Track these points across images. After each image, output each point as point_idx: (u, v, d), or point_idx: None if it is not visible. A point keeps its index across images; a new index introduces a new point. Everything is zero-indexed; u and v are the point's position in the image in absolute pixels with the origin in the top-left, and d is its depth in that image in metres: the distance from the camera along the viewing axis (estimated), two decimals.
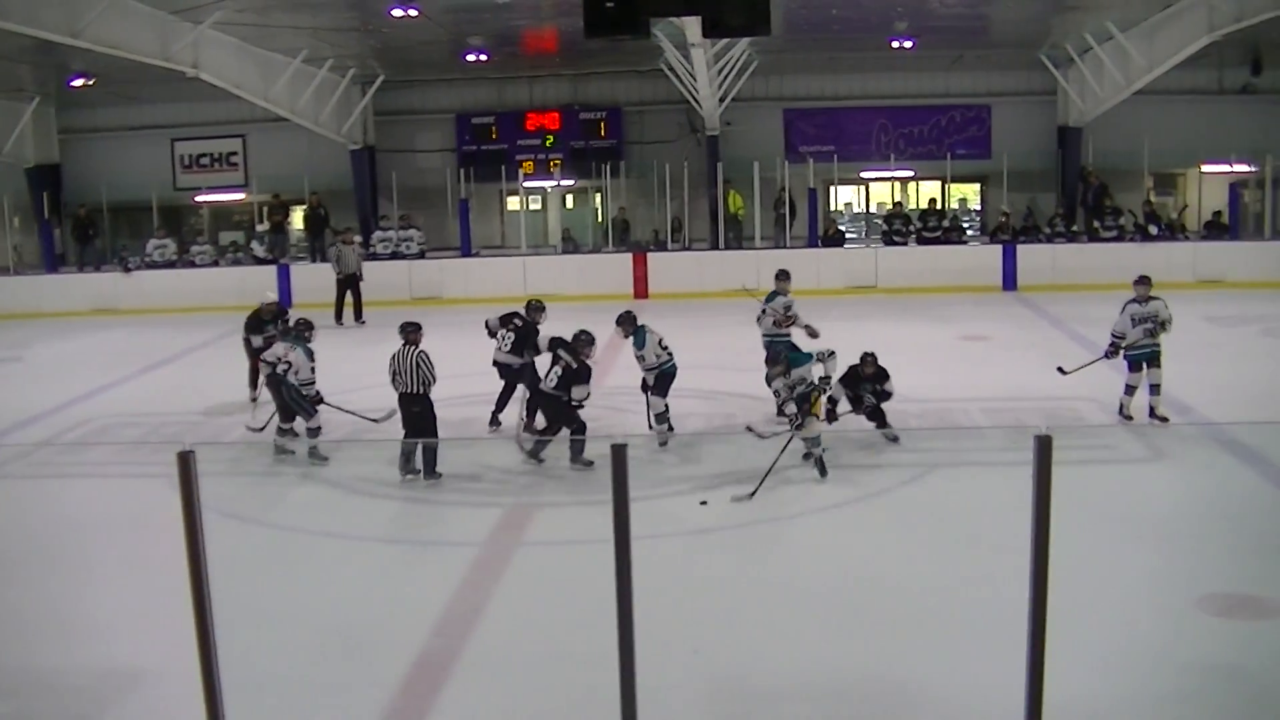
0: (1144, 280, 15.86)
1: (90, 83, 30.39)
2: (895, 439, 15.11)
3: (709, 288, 28.30)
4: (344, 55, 29.31)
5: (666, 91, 31.80)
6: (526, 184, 33.48)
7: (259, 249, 30.56)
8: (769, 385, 14.93)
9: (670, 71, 29.48)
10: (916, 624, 9.72)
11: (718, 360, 19.67)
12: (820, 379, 14.08)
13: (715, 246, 31.84)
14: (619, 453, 6.45)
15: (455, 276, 29.65)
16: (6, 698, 9.45)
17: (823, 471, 13.63)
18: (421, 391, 14.17)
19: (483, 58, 30.30)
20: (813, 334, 16.61)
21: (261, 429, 16.06)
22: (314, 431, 15.13)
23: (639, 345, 15.45)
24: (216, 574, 6.62)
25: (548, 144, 33.73)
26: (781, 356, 14.58)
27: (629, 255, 30.21)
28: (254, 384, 18.14)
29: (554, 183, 34.57)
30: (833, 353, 14.29)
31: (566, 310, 19.73)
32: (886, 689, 8.67)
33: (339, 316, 26.22)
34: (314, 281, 28.60)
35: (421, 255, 30.13)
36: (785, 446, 13.55)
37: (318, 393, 15.05)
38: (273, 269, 29.42)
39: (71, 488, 15.33)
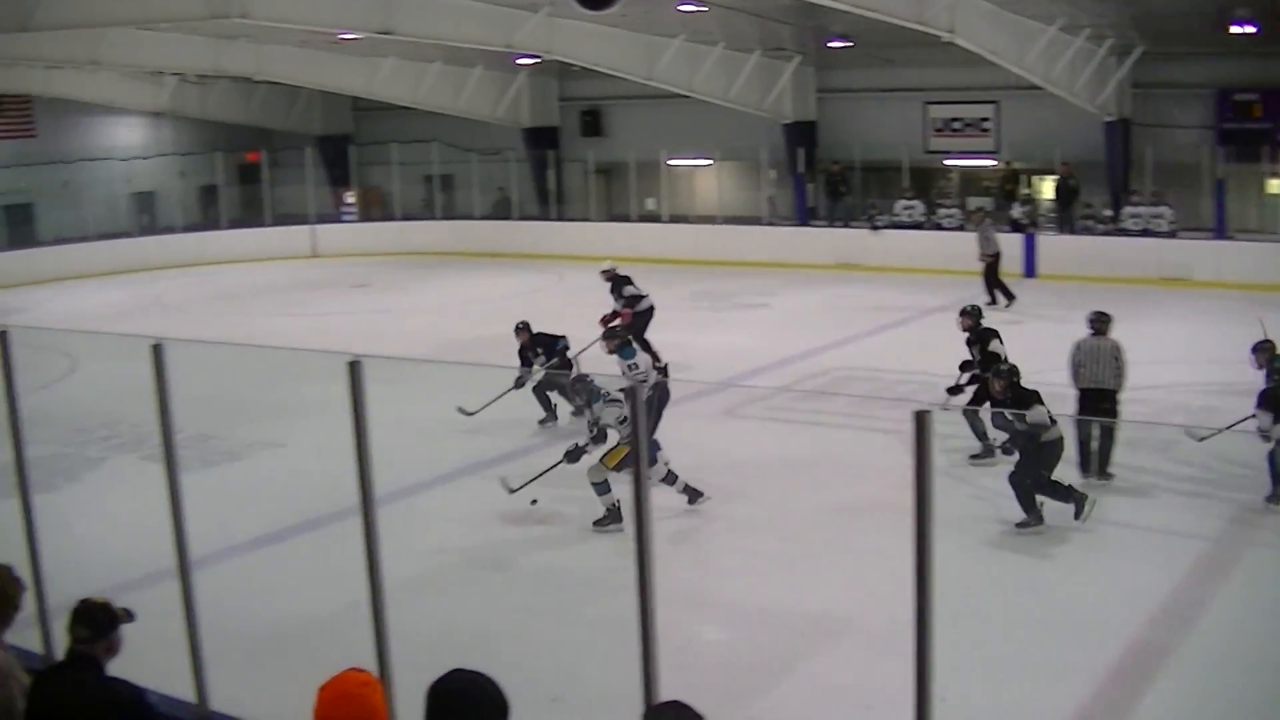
0: None
1: (848, 44, 31.36)
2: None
3: None
4: (1101, 24, 28.57)
5: None
6: None
7: (1019, 212, 30.30)
8: None
9: None
10: None
11: None
12: None
13: None
14: None
15: (1205, 259, 28.38)
16: (725, 627, 10.05)
17: None
18: (1113, 388, 13.42)
19: (1249, 30, 28.67)
20: None
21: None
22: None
23: None
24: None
25: None
26: None
27: None
28: None
29: None
30: None
31: None
32: None
33: (993, 295, 25.37)
34: (1058, 252, 28.48)
35: (1172, 235, 29.07)
36: None
37: None
38: (1017, 237, 29.19)
39: (799, 434, 15.97)
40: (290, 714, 6.53)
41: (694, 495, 12.75)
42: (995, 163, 32.79)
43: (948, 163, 33.83)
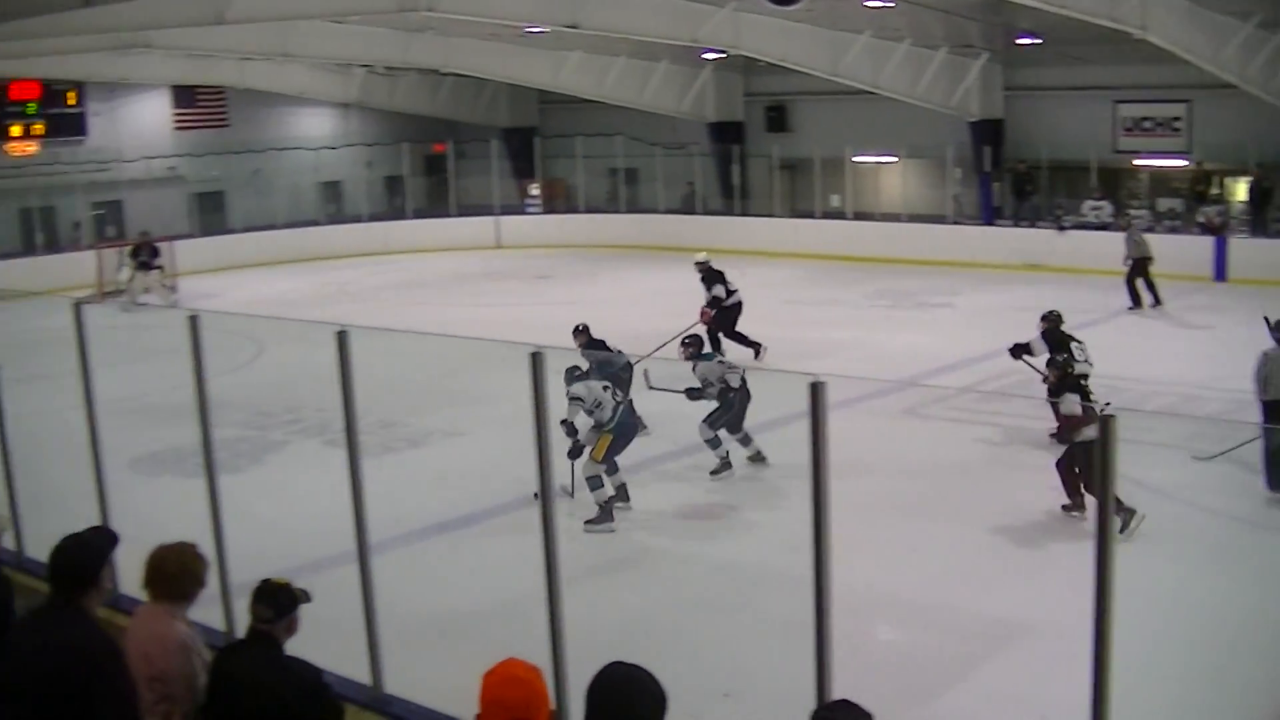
0: None
1: (1037, 41, 30.83)
2: None
3: None
4: None
5: None
6: None
7: (1208, 214, 29.57)
8: None
9: None
10: None
11: None
12: None
13: None
14: None
15: None
16: (901, 628, 9.94)
17: None
18: None
19: None
20: None
21: None
22: None
23: None
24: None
25: None
26: None
27: None
28: None
29: None
30: None
31: None
32: None
33: (1135, 299, 24.88)
34: (1250, 256, 27.71)
35: None
36: None
37: None
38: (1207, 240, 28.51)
39: (982, 435, 15.76)
40: (461, 699, 6.62)
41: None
42: (1186, 163, 31.98)
43: (1137, 163, 33.09)
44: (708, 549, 12.05)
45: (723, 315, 19.86)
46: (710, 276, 20.18)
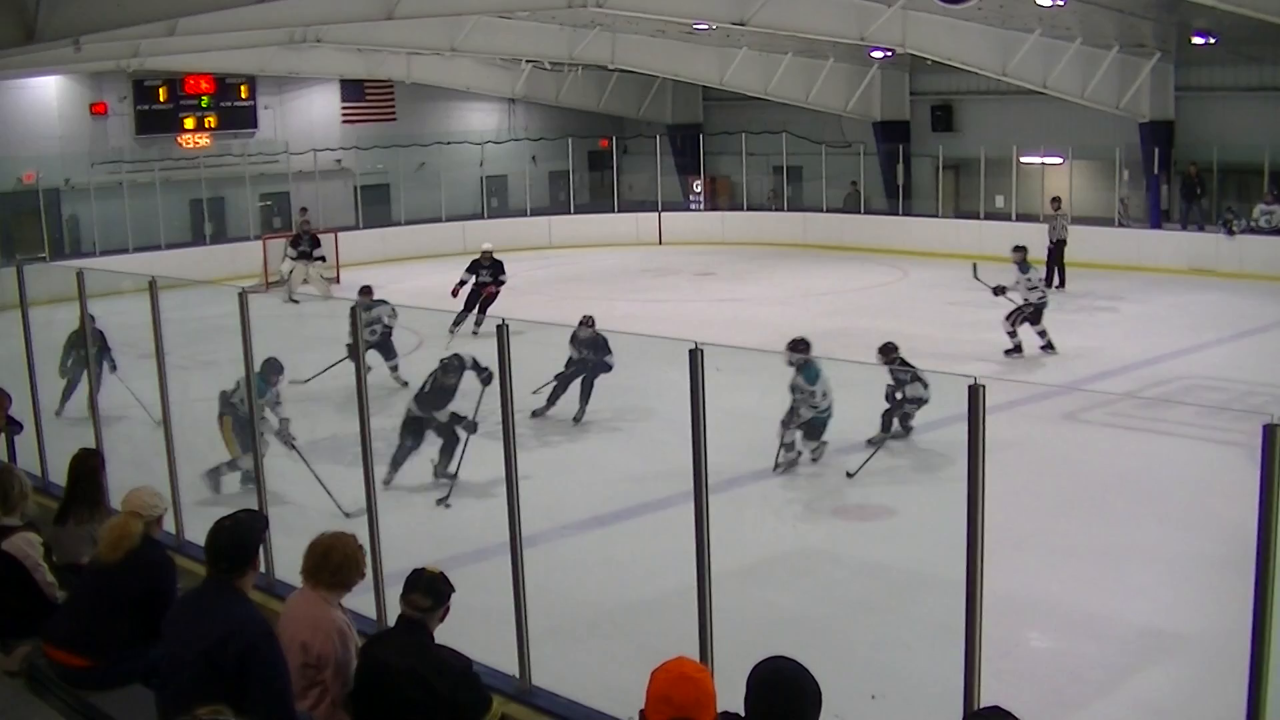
0: None
1: (1211, 41, 30.15)
2: None
3: None
4: None
5: None
6: None
7: None
8: None
9: None
10: None
11: None
12: None
13: None
14: None
15: None
16: (1051, 634, 9.85)
17: None
18: None
19: None
20: None
21: None
22: None
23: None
24: None
25: None
26: None
27: None
28: None
29: None
30: None
31: None
32: None
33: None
34: None
35: None
36: None
37: None
38: None
39: (1142, 442, 15.52)
40: (609, 693, 6.71)
41: None
42: None
43: None
44: (863, 549, 12.04)
45: None
46: None
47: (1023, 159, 33.87)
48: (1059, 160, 34.17)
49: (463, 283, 23.77)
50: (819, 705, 4.19)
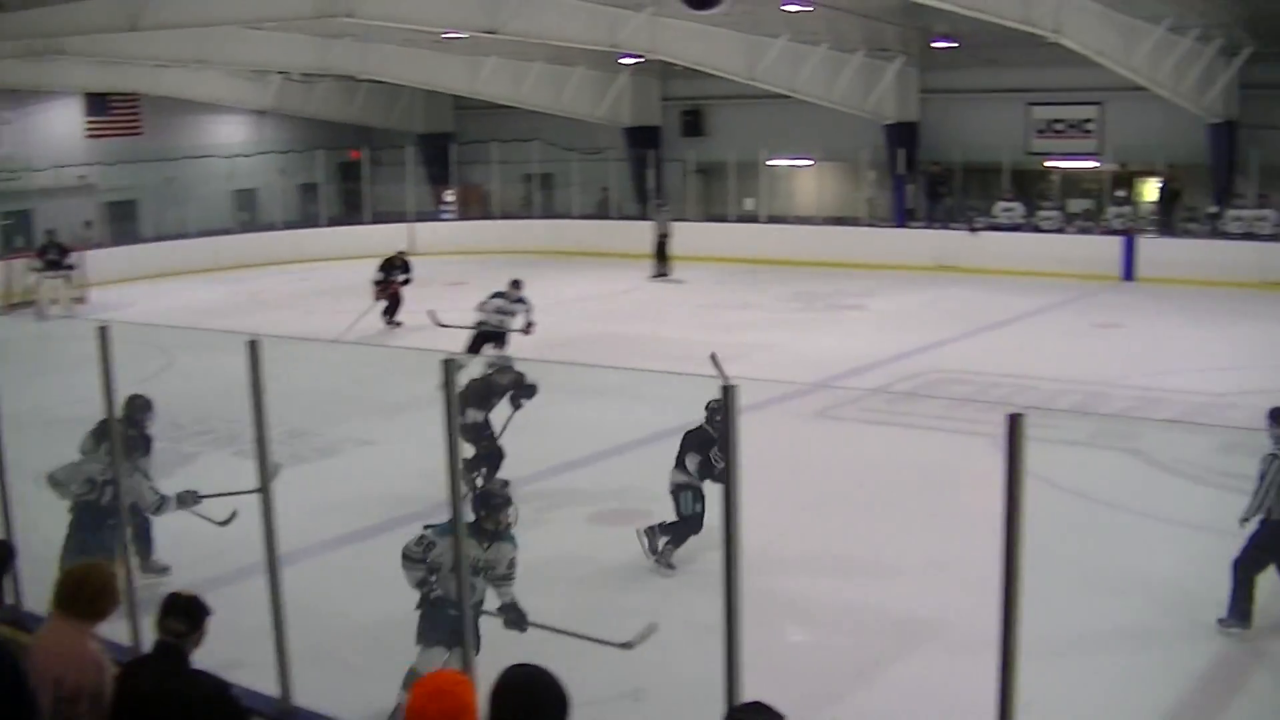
0: None
1: (953, 45, 31.17)
2: None
3: None
4: (1211, 24, 28.14)
5: None
6: None
7: (1116, 220, 30.10)
8: None
9: None
10: None
11: None
12: None
13: None
14: None
15: None
16: (807, 628, 10.01)
17: None
18: None
19: None
20: None
21: None
22: None
23: None
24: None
25: None
26: None
27: None
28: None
29: None
30: None
31: None
32: None
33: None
34: (1159, 255, 28.28)
35: (1275, 238, 28.48)
36: None
37: None
38: (1116, 240, 29.01)
39: (893, 436, 15.89)
40: (371, 710, 6.61)
41: None
42: (1098, 164, 32.38)
43: (1049, 164, 33.47)
44: (625, 552, 12.04)
45: None
46: None
47: (771, 162, 34.45)
48: (808, 162, 34.88)
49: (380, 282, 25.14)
50: (563, 711, 4.15)
